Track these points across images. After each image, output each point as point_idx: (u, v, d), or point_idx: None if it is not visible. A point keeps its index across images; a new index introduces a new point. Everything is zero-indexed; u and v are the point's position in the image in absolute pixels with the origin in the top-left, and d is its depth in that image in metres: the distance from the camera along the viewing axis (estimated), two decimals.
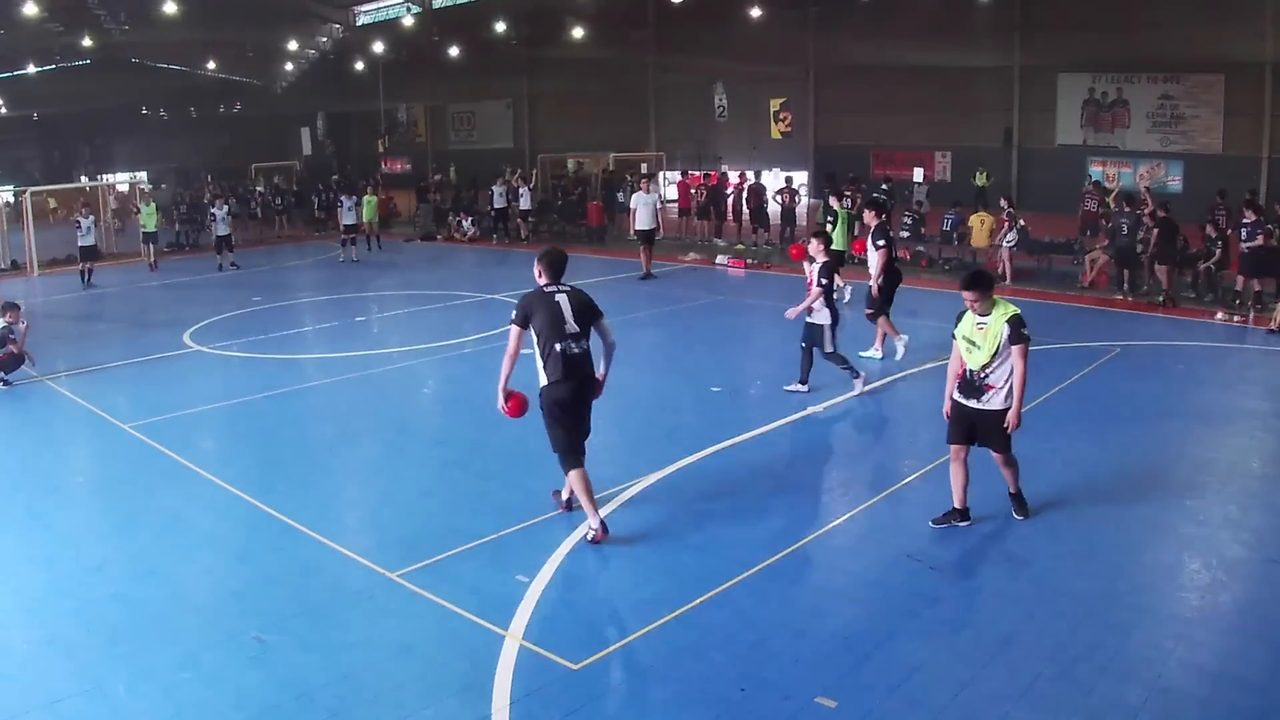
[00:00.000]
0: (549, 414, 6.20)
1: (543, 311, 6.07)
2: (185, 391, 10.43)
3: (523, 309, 6.13)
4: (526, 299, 6.19)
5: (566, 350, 6.03)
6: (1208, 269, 14.60)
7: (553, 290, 6.15)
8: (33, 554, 6.30)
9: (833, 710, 4.41)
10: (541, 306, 6.09)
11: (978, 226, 17.53)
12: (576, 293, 6.22)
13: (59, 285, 19.43)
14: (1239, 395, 9.75)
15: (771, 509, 6.78)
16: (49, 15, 28.88)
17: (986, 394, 6.16)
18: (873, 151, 29.62)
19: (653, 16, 33.29)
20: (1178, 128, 24.33)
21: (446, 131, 44.66)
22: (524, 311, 6.11)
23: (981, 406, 6.20)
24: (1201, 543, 6.17)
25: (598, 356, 6.29)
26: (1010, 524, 6.47)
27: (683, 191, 24.04)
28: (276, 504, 6.98)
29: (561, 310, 6.06)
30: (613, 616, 5.32)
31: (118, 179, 42.55)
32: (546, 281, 6.21)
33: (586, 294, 6.30)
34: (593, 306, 6.20)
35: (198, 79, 43.46)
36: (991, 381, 6.11)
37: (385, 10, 35.09)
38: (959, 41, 25.98)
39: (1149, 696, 4.46)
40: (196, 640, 5.12)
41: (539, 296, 6.14)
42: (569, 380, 6.07)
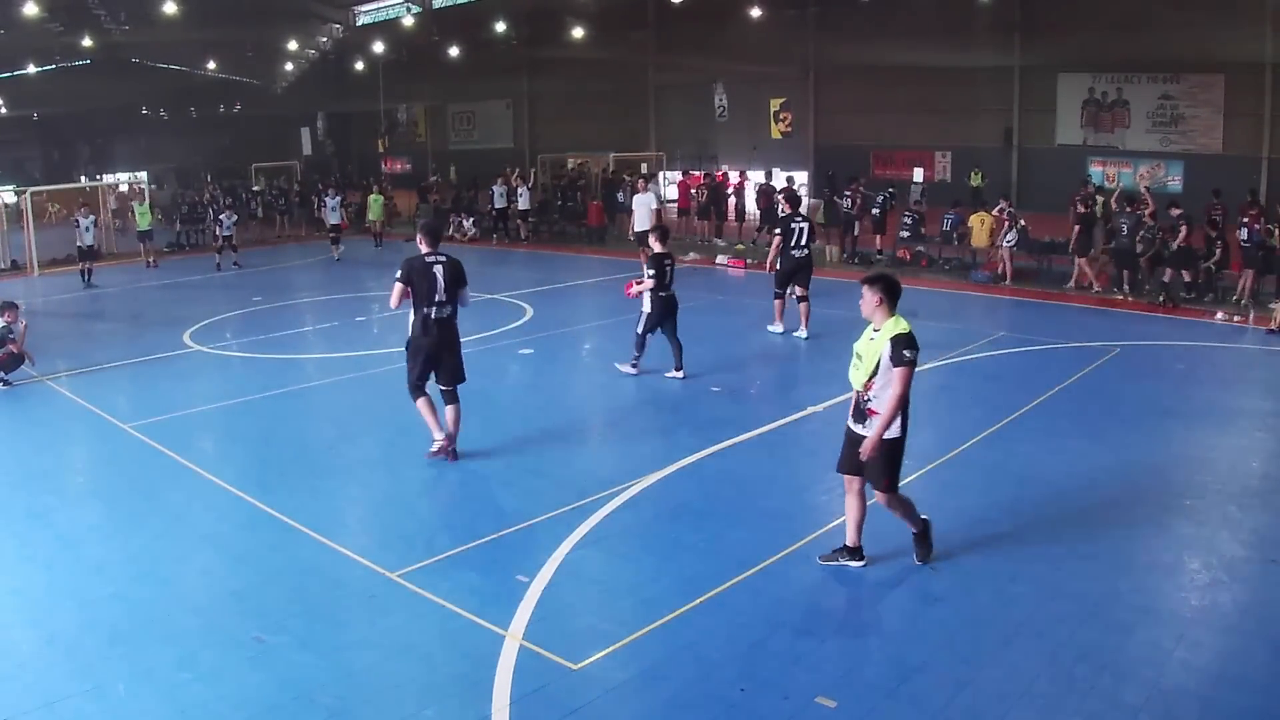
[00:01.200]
0: (411, 356, 7.60)
1: (421, 279, 7.25)
2: (185, 391, 10.43)
3: (406, 271, 7.27)
4: (410, 263, 7.33)
5: (433, 314, 7.35)
6: (1208, 269, 14.61)
7: (432, 260, 7.34)
8: (33, 554, 6.30)
9: (833, 710, 4.41)
10: (421, 273, 7.26)
11: (978, 226, 17.53)
12: (451, 262, 7.43)
13: (59, 285, 19.43)
14: (1239, 395, 9.75)
15: (771, 509, 6.78)
16: (49, 15, 28.84)
17: (869, 419, 5.48)
18: (873, 151, 29.62)
19: (653, 16, 33.27)
20: (1178, 128, 24.34)
21: (446, 131, 44.65)
22: (407, 273, 7.26)
23: (864, 432, 5.52)
24: (1201, 543, 6.17)
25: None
26: (1010, 524, 6.47)
27: (683, 191, 24.04)
28: (276, 504, 6.98)
29: (436, 279, 7.29)
30: (612, 616, 5.32)
31: (118, 179, 42.54)
32: (427, 250, 7.41)
33: (459, 264, 7.48)
34: (461, 277, 7.45)
35: (198, 79, 43.42)
36: (875, 405, 5.44)
37: (385, 10, 35.05)
38: (959, 41, 25.97)
39: (1149, 696, 4.46)
40: (196, 640, 5.12)
41: (421, 263, 7.30)
42: (428, 336, 7.41)
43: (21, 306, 11.39)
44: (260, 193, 30.53)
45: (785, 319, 12.69)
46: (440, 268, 7.30)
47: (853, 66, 28.36)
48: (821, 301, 14.66)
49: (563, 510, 6.69)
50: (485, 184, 26.21)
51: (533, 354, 11.80)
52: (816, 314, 12.55)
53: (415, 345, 7.51)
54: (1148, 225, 14.98)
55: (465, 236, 25.17)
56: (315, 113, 43.72)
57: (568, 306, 15.28)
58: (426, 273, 7.28)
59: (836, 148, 29.48)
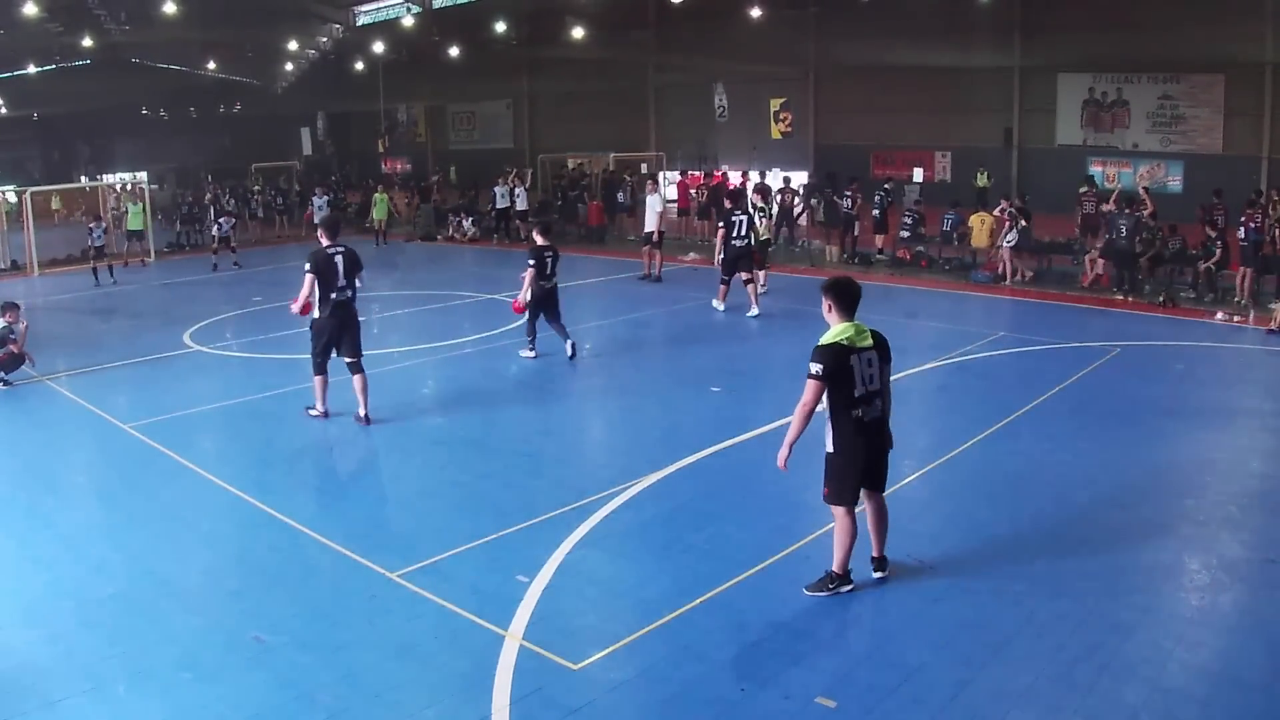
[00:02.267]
0: (316, 335, 8.81)
1: (326, 269, 8.48)
2: (185, 391, 10.43)
3: (314, 263, 8.49)
4: (316, 255, 8.53)
5: (337, 297, 8.60)
6: (1208, 269, 14.61)
7: (333, 251, 8.57)
8: (33, 554, 6.30)
9: (833, 710, 4.41)
10: (325, 264, 8.49)
11: (978, 226, 17.53)
12: (349, 252, 8.71)
13: (59, 285, 19.44)
14: (1239, 395, 9.75)
15: (772, 509, 6.78)
16: (49, 15, 28.83)
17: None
18: (873, 151, 29.60)
19: (653, 16, 33.25)
20: (1178, 128, 24.32)
21: (446, 131, 44.63)
22: (315, 265, 8.48)
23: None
24: (1201, 543, 6.17)
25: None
26: (1010, 524, 6.47)
27: (682, 192, 24.02)
28: (276, 504, 6.98)
29: (337, 268, 8.54)
30: (613, 616, 5.32)
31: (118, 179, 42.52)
32: (328, 243, 8.66)
33: (355, 253, 8.79)
34: (358, 263, 8.76)
35: (198, 79, 43.39)
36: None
37: (385, 10, 35.02)
38: (959, 41, 25.96)
39: (1149, 696, 4.46)
40: (196, 640, 5.12)
41: (324, 255, 8.53)
42: (333, 318, 8.65)
43: (22, 307, 11.39)
44: (260, 193, 30.52)
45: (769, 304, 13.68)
46: (340, 257, 8.57)
47: (853, 66, 28.34)
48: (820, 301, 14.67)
49: (563, 510, 6.69)
50: (486, 184, 26.21)
51: (533, 354, 11.78)
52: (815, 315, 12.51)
53: (320, 326, 8.71)
54: (1148, 226, 14.97)
55: (465, 236, 25.15)
56: (315, 113, 43.70)
57: (567, 307, 15.25)
58: (329, 263, 8.51)
59: (836, 148, 29.46)
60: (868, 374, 5.34)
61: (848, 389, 5.29)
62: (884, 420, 5.50)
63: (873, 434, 5.43)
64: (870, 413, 5.38)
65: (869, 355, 5.37)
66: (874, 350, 5.40)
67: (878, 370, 5.40)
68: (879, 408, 5.43)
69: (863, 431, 5.37)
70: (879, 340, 5.47)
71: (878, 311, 14.47)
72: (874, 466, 5.53)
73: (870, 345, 5.40)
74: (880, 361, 5.43)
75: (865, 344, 5.39)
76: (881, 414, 5.46)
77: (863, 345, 5.37)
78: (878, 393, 5.40)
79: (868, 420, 5.38)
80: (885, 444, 5.56)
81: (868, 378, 5.34)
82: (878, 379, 5.39)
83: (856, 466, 5.43)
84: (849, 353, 5.30)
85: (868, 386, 5.35)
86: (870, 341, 5.41)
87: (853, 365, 5.30)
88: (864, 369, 5.33)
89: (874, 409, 5.40)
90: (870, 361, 5.37)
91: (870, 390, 5.36)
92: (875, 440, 5.47)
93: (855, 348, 5.33)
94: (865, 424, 5.36)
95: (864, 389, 5.33)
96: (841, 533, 5.49)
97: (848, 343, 5.32)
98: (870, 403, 5.37)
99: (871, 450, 5.47)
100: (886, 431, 5.55)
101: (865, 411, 5.35)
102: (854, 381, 5.29)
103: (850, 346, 5.32)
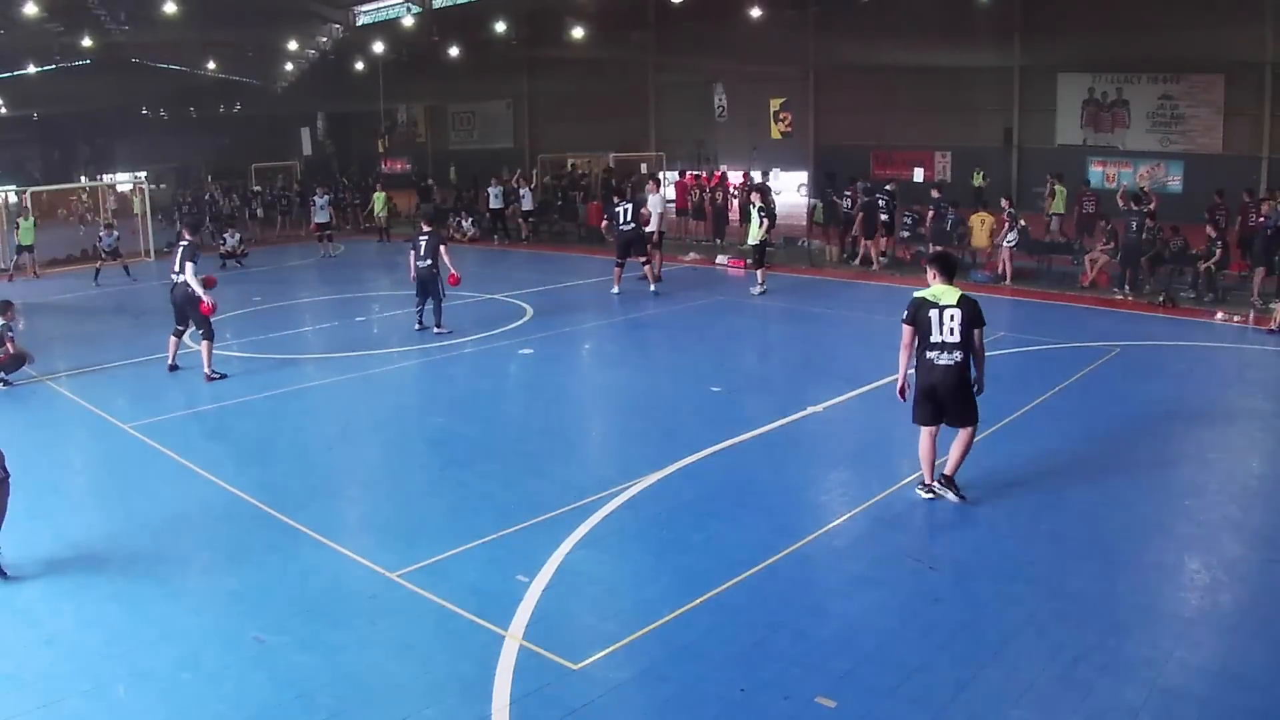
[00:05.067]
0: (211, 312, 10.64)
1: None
2: (185, 391, 10.43)
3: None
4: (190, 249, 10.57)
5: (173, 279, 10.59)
6: (1208, 269, 14.60)
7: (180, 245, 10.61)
8: (33, 554, 6.30)
9: (833, 710, 4.41)
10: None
11: (978, 226, 17.51)
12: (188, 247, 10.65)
13: (59, 286, 19.44)
14: (1239, 395, 9.75)
15: (772, 509, 6.78)
16: (49, 15, 28.84)
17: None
18: (873, 151, 29.63)
19: (653, 16, 33.27)
20: (1178, 128, 24.34)
21: (446, 131, 44.65)
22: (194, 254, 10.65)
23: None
24: (1201, 543, 6.17)
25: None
26: (1009, 524, 6.47)
27: (680, 192, 24.04)
28: (276, 504, 6.98)
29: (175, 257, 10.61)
30: (613, 616, 5.31)
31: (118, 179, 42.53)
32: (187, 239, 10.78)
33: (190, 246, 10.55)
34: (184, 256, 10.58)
35: (198, 79, 43.40)
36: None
37: (385, 10, 35.04)
38: (959, 41, 25.97)
39: (1149, 696, 4.46)
40: (196, 640, 5.12)
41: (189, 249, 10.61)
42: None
43: (18, 305, 11.38)
44: (259, 193, 30.54)
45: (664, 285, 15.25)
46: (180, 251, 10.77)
47: (853, 66, 28.36)
48: (820, 301, 14.69)
49: (563, 510, 6.69)
50: (486, 184, 26.24)
51: (533, 354, 11.80)
52: (815, 315, 12.54)
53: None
54: (1149, 227, 14.95)
55: (465, 236, 25.17)
56: (315, 113, 43.71)
57: (568, 306, 15.27)
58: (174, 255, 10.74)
59: (836, 148, 29.49)
60: (948, 327, 6.36)
61: (925, 335, 6.41)
62: (962, 368, 6.41)
63: (946, 377, 6.40)
64: (945, 358, 6.38)
65: (952, 312, 6.36)
66: (958, 309, 6.35)
67: (959, 326, 6.34)
68: (957, 358, 6.37)
69: (934, 372, 6.42)
70: (967, 303, 6.40)
71: (878, 311, 14.56)
72: (951, 406, 6.49)
73: (954, 304, 6.37)
74: (964, 320, 6.35)
75: (949, 302, 6.38)
76: (959, 364, 6.38)
77: (946, 303, 6.38)
78: (957, 345, 6.36)
79: (940, 364, 6.40)
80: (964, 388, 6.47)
81: (947, 330, 6.36)
82: (959, 333, 6.34)
83: (927, 398, 6.50)
84: (930, 306, 6.40)
85: (945, 337, 6.37)
86: (954, 301, 6.37)
87: (931, 317, 6.38)
88: (945, 322, 6.36)
89: (950, 357, 6.38)
90: (953, 317, 6.35)
91: (948, 341, 6.37)
92: (949, 382, 6.42)
93: (938, 304, 6.39)
94: (938, 366, 6.41)
95: (941, 338, 6.38)
96: (919, 448, 6.72)
97: (932, 299, 6.42)
98: (947, 351, 6.38)
99: (944, 390, 6.44)
100: (966, 378, 6.46)
101: (940, 356, 6.39)
102: (931, 330, 6.38)
103: (933, 302, 6.40)
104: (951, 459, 6.67)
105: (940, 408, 6.52)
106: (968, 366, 6.45)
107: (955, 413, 6.53)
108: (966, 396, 6.50)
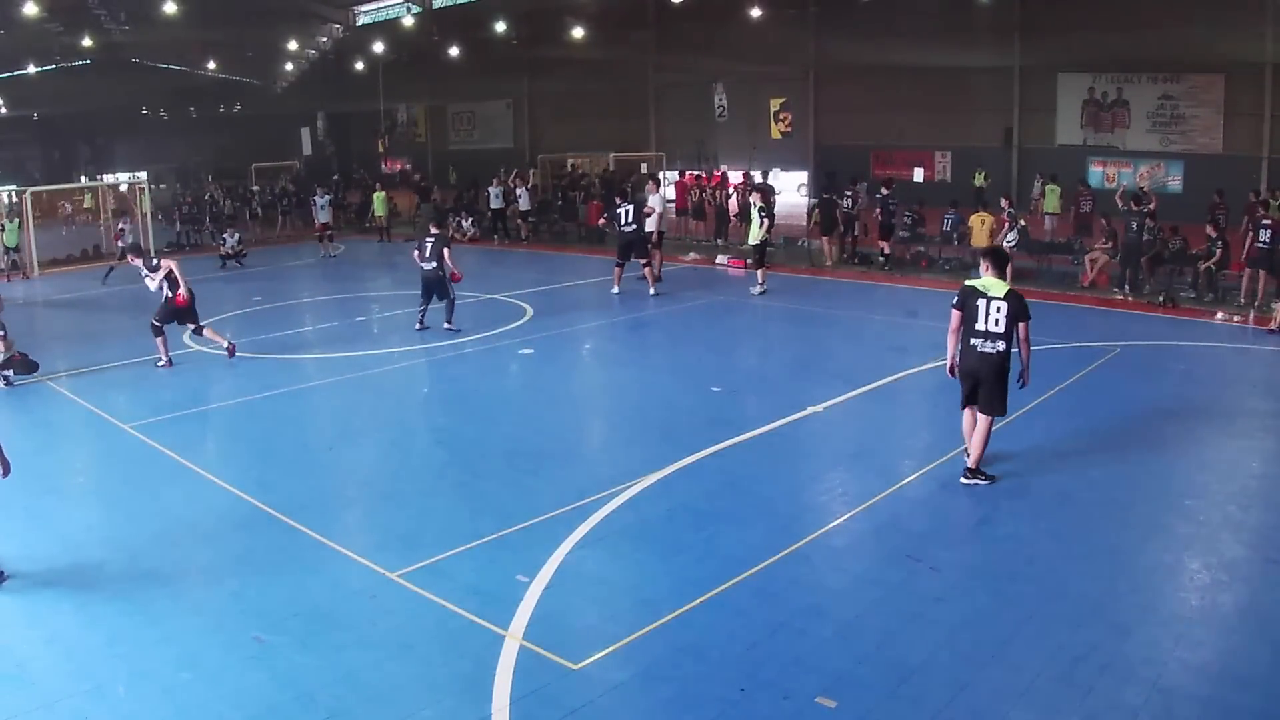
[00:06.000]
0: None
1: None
2: (185, 391, 10.43)
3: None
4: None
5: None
6: (1208, 269, 14.60)
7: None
8: (33, 554, 6.30)
9: (833, 710, 4.41)
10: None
11: (978, 226, 17.50)
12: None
13: (61, 285, 19.44)
14: (1239, 395, 9.75)
15: (772, 508, 6.78)
16: (49, 15, 28.84)
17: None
18: (873, 151, 29.63)
19: (653, 16, 33.28)
20: (1178, 128, 24.34)
21: (446, 131, 44.65)
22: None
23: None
24: (1201, 543, 6.17)
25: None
26: (1009, 524, 6.47)
27: (680, 192, 24.04)
28: (276, 504, 6.98)
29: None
30: (612, 616, 5.32)
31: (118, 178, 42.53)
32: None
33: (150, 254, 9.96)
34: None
35: (198, 79, 43.40)
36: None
37: (385, 10, 35.04)
38: (959, 41, 25.97)
39: (1149, 696, 4.46)
40: (196, 640, 5.12)
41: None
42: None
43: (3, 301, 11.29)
44: (259, 192, 30.54)
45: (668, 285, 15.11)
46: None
47: (853, 66, 28.36)
48: (820, 302, 14.69)
49: (563, 510, 6.69)
50: (486, 184, 26.24)
51: (533, 354, 11.80)
52: (815, 315, 12.55)
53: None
54: (1149, 227, 14.94)
55: (465, 236, 25.17)
56: (315, 113, 43.67)
57: (568, 306, 15.28)
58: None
59: (836, 148, 29.49)
60: (993, 318, 6.74)
61: (971, 322, 6.84)
62: (1002, 358, 6.77)
63: (985, 364, 6.80)
64: (987, 346, 6.78)
65: (998, 304, 6.74)
66: (1004, 301, 6.71)
67: (1004, 317, 6.70)
68: (999, 347, 6.75)
69: (975, 358, 6.84)
70: (1013, 298, 6.76)
71: (878, 311, 14.57)
72: (984, 392, 6.87)
73: (1001, 297, 6.73)
74: (1010, 313, 6.70)
75: (996, 294, 6.77)
76: (1000, 355, 6.75)
77: (994, 295, 6.77)
78: (1000, 335, 6.74)
79: (982, 351, 6.81)
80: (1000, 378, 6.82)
81: (992, 321, 6.75)
82: (1003, 324, 6.71)
83: (966, 380, 6.96)
84: (978, 295, 6.81)
85: (989, 327, 6.76)
86: (1001, 294, 6.75)
87: (978, 306, 6.78)
88: (990, 313, 6.76)
89: (992, 345, 6.77)
90: (999, 309, 6.73)
91: (992, 330, 6.76)
92: (987, 370, 6.81)
93: (985, 294, 6.78)
94: (980, 354, 6.82)
95: (985, 327, 6.78)
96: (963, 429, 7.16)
97: (981, 288, 6.83)
98: (990, 340, 6.77)
99: (983, 376, 6.84)
100: (1004, 368, 6.82)
101: (983, 344, 6.80)
102: (976, 318, 6.79)
103: (981, 291, 6.81)
104: (973, 452, 7.00)
105: (975, 391, 6.94)
106: (1008, 357, 6.80)
107: (985, 398, 6.89)
108: (1001, 386, 6.85)
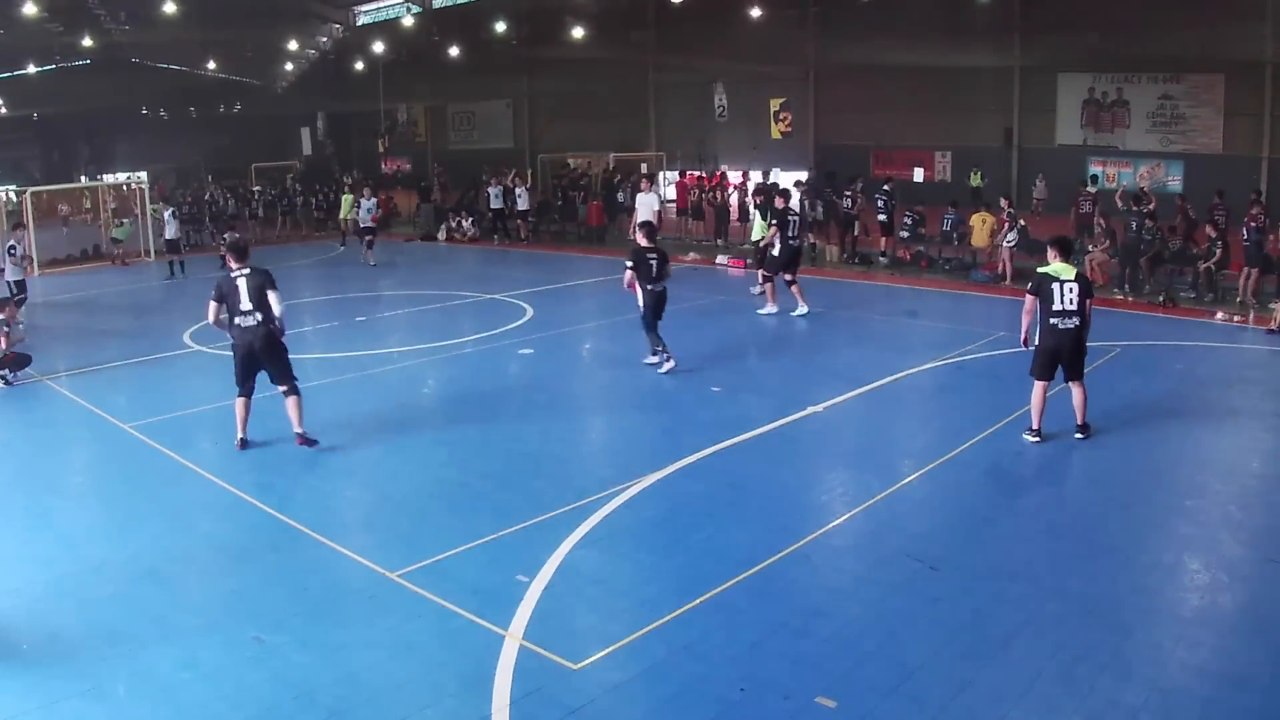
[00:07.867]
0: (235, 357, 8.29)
1: (229, 293, 8.03)
2: (185, 391, 10.42)
3: (218, 289, 8.08)
4: (220, 282, 8.15)
5: (240, 323, 8.05)
6: (1208, 269, 14.60)
7: (237, 274, 8.06)
8: (33, 554, 6.30)
9: (833, 710, 4.41)
10: (228, 288, 8.04)
11: (978, 226, 17.51)
12: (254, 273, 8.09)
13: (60, 285, 19.45)
14: (1239, 395, 9.74)
15: (772, 509, 6.78)
16: (49, 15, 28.87)
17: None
18: (873, 151, 29.63)
19: (653, 16, 33.29)
20: (1178, 128, 24.35)
21: (446, 131, 44.64)
22: (219, 291, 8.08)
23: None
24: (1201, 543, 6.17)
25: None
26: (1010, 524, 6.48)
27: (681, 192, 24.03)
28: (276, 504, 6.98)
29: (239, 291, 7.99)
30: (613, 616, 5.32)
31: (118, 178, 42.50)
32: (234, 266, 8.17)
33: (263, 273, 8.13)
34: (264, 285, 8.06)
35: (198, 79, 43.39)
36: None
37: (385, 10, 35.07)
38: (959, 41, 25.98)
39: (1149, 696, 4.46)
40: (196, 640, 5.12)
41: (227, 279, 8.10)
42: (240, 342, 8.14)
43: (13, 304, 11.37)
44: (259, 192, 30.52)
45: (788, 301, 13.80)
46: (244, 279, 8.05)
47: (853, 66, 28.35)
48: (821, 301, 14.66)
49: (563, 510, 6.69)
50: (486, 184, 26.21)
51: (533, 354, 11.80)
52: (816, 314, 12.52)
53: (235, 353, 8.32)
54: (1148, 227, 14.94)
55: (465, 236, 25.17)
56: (315, 113, 43.68)
57: (568, 306, 15.28)
58: (232, 285, 8.04)
59: (836, 148, 29.49)
60: (1068, 298, 7.72)
61: (1048, 304, 7.78)
62: (1079, 332, 7.77)
63: (1065, 339, 7.76)
64: (1065, 323, 7.75)
65: (1070, 285, 7.75)
66: (1075, 283, 7.75)
67: (1076, 297, 7.71)
68: (1074, 323, 7.74)
69: (1054, 334, 7.79)
70: (1082, 279, 7.85)
71: (878, 311, 14.57)
72: (1069, 361, 7.85)
73: (1073, 279, 7.77)
74: (1080, 292, 7.73)
75: (1068, 277, 7.79)
76: (1077, 328, 7.75)
77: (1065, 278, 7.78)
78: (1075, 312, 7.72)
79: (1061, 328, 7.76)
80: (1080, 347, 7.84)
81: (1068, 301, 7.72)
82: (1076, 303, 7.71)
83: (1049, 355, 7.83)
84: (1052, 280, 7.78)
85: (1066, 306, 7.72)
86: (1073, 276, 7.80)
87: (1053, 289, 7.76)
88: (1065, 294, 7.72)
89: (1068, 321, 7.74)
90: (1070, 289, 7.73)
91: (1068, 309, 7.72)
92: (1067, 344, 7.78)
93: (1058, 278, 7.78)
94: (1059, 330, 7.77)
95: (1062, 306, 7.73)
96: (1033, 399, 7.96)
97: (1054, 274, 7.81)
98: (1068, 317, 7.74)
99: (1064, 350, 7.80)
100: (1083, 340, 7.83)
101: (1060, 321, 7.75)
102: (1053, 300, 7.75)
103: (1054, 277, 7.80)
104: (1078, 411, 8.02)
105: (1058, 364, 7.85)
106: (1082, 330, 7.78)
107: (1073, 366, 7.88)
108: (1081, 354, 7.89)
